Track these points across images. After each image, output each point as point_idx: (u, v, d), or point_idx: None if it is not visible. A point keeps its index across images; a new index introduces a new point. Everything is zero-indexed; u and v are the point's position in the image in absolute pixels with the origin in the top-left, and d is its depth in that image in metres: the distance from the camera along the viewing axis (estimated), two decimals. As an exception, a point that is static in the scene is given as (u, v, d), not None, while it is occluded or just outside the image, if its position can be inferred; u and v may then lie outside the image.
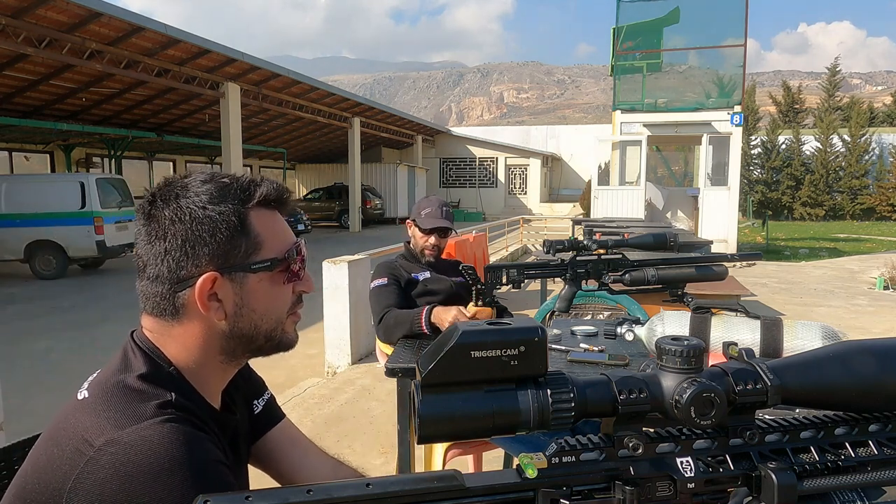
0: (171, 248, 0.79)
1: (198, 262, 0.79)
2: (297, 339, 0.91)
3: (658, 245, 2.18)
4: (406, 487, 0.45)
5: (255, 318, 0.83)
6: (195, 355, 0.82)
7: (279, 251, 0.83)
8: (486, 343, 0.46)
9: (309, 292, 0.90)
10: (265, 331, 0.84)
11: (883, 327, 6.95)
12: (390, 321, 2.43)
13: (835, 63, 34.38)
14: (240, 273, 0.81)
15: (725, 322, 1.47)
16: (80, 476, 0.67)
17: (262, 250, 0.82)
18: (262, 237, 0.82)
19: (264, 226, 0.83)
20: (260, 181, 0.85)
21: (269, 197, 0.84)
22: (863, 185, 29.39)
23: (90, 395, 0.76)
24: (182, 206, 0.79)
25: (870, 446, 0.53)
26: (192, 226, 0.78)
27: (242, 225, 0.81)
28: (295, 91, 17.00)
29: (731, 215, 12.43)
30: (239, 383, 0.98)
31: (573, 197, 28.58)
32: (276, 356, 0.93)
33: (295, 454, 1.05)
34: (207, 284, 0.79)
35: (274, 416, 1.06)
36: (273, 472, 1.05)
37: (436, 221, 2.66)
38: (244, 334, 0.83)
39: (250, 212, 0.82)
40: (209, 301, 0.80)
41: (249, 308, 0.82)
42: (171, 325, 0.81)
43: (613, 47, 13.17)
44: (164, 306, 0.81)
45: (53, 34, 10.36)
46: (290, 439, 1.06)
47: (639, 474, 0.50)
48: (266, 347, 0.87)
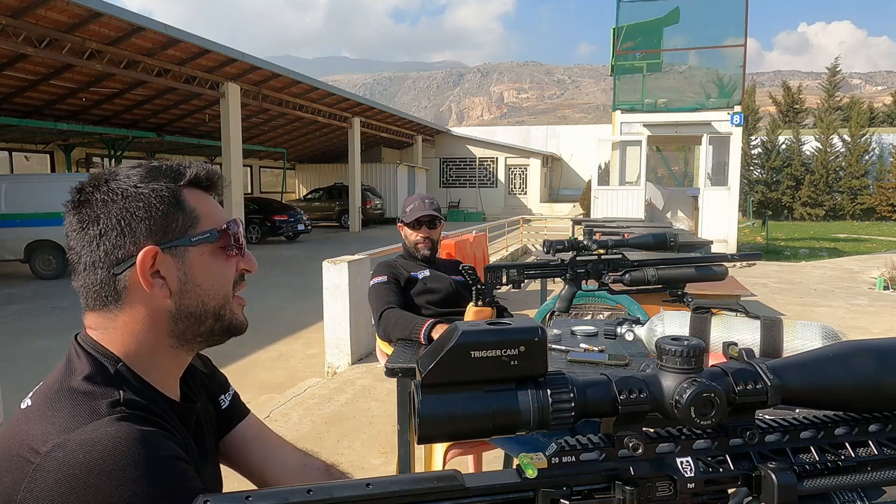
0: (106, 228, 0.77)
1: (135, 240, 0.77)
2: (248, 324, 0.89)
3: (658, 245, 2.18)
4: (406, 487, 0.45)
5: (202, 293, 0.81)
6: (144, 343, 0.80)
7: (218, 224, 0.83)
8: (486, 343, 0.46)
9: (252, 271, 0.88)
10: (213, 308, 0.83)
11: (883, 327, 6.95)
12: (391, 320, 2.43)
13: (835, 63, 34.38)
14: (181, 247, 0.80)
15: (725, 322, 1.47)
16: (30, 485, 0.65)
17: (200, 224, 0.81)
18: (198, 212, 0.82)
19: (199, 203, 0.83)
20: (190, 164, 0.85)
21: (199, 176, 0.84)
22: (863, 185, 29.39)
23: (34, 403, 0.74)
24: (113, 187, 0.78)
25: (870, 446, 0.53)
26: (125, 203, 0.78)
27: (177, 200, 0.80)
28: (295, 91, 17.00)
29: (731, 215, 12.43)
30: (202, 378, 0.97)
31: (573, 197, 28.59)
32: (279, 358, 0.92)
33: (262, 448, 1.04)
34: (148, 260, 0.77)
35: (240, 411, 1.05)
36: (242, 467, 1.04)
37: (420, 212, 2.68)
38: (191, 312, 0.81)
39: (183, 189, 0.82)
40: (152, 278, 0.78)
41: (194, 283, 0.81)
42: (116, 315, 0.79)
43: (613, 47, 13.17)
44: (105, 294, 0.79)
45: (53, 34, 10.37)
46: (257, 434, 1.05)
47: (639, 474, 0.50)
48: (217, 330, 0.84)
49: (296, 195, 26.99)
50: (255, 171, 25.41)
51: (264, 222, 17.36)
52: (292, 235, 18.04)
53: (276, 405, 4.29)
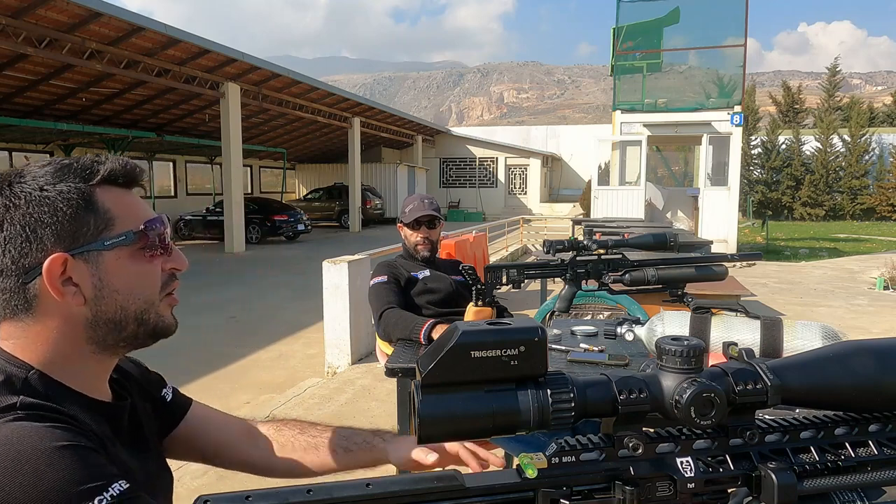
0: (11, 235, 0.74)
1: (42, 247, 0.74)
2: (177, 324, 0.85)
3: (658, 245, 2.18)
4: (406, 487, 0.45)
5: (120, 299, 0.78)
6: (61, 352, 0.77)
7: (135, 224, 0.79)
8: (486, 343, 0.46)
9: (181, 270, 0.85)
10: (134, 313, 0.79)
11: (883, 327, 6.95)
12: (391, 319, 2.43)
13: (835, 63, 34.39)
14: (94, 252, 0.76)
15: (725, 322, 1.47)
16: None
17: (116, 226, 0.77)
18: (112, 213, 0.78)
19: (115, 202, 0.79)
20: (105, 159, 0.81)
21: (114, 173, 0.79)
22: (863, 185, 29.39)
23: None
24: (16, 191, 0.75)
25: (870, 446, 0.53)
26: (29, 208, 0.74)
27: (88, 202, 0.76)
28: (295, 91, 17.00)
29: (731, 215, 12.43)
30: (137, 378, 0.96)
31: (573, 197, 28.59)
32: (279, 358, 0.92)
33: (214, 428, 1.04)
34: (56, 267, 0.74)
35: (184, 402, 1.05)
36: (197, 454, 1.03)
37: (419, 212, 2.68)
38: (110, 319, 0.78)
39: (96, 189, 0.78)
40: (63, 286, 0.75)
41: (111, 289, 0.77)
42: (28, 325, 0.76)
43: (613, 47, 13.17)
44: (15, 303, 0.75)
45: (53, 34, 10.37)
46: (205, 416, 1.05)
47: (639, 474, 0.50)
48: (140, 334, 0.81)
49: (296, 195, 27.00)
50: (255, 171, 25.40)
51: (264, 222, 17.36)
52: (292, 235, 18.05)
53: (276, 405, 4.29)
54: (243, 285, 10.02)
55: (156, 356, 1.02)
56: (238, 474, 1.04)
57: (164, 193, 20.26)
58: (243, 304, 8.29)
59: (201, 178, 22.38)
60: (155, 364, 1.04)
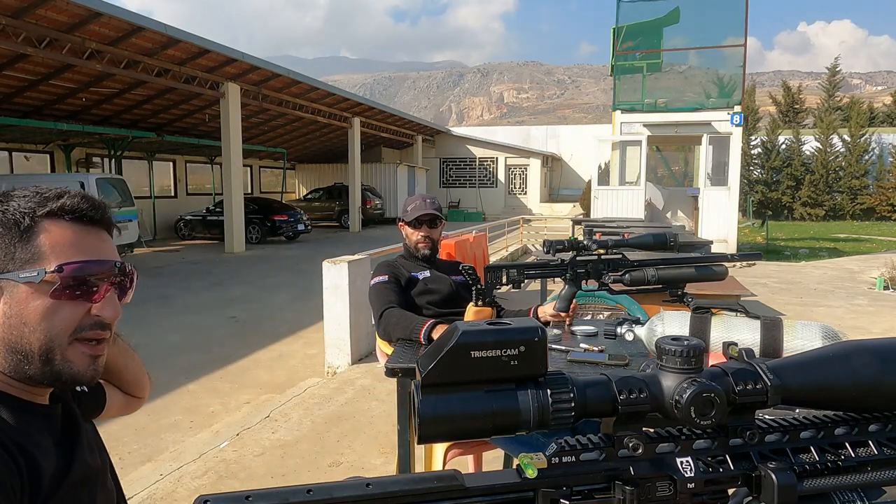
0: None
1: None
2: (91, 375, 0.83)
3: (658, 245, 2.18)
4: (406, 487, 0.45)
5: (27, 332, 0.78)
6: None
7: (54, 263, 0.78)
8: (486, 343, 0.46)
9: (106, 319, 0.82)
10: (38, 350, 0.79)
11: (883, 327, 6.95)
12: (391, 319, 2.43)
13: (835, 63, 34.39)
14: (11, 281, 0.78)
15: (725, 322, 1.47)
16: None
17: (38, 261, 0.78)
18: (45, 248, 0.78)
19: (57, 237, 0.79)
20: (72, 194, 0.81)
21: (65, 208, 0.80)
22: (863, 185, 29.38)
23: None
24: None
25: (870, 446, 0.53)
26: None
27: (25, 232, 0.78)
28: (295, 91, 17.00)
29: (731, 215, 12.43)
30: None
31: (573, 197, 28.58)
32: (279, 358, 0.92)
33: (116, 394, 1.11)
34: None
35: (97, 388, 1.08)
36: (120, 398, 1.11)
37: (421, 211, 2.68)
38: (16, 349, 0.79)
39: (42, 220, 0.79)
40: None
41: (19, 320, 0.78)
42: None
43: (613, 47, 13.17)
44: None
45: (53, 34, 10.37)
46: (110, 388, 1.10)
47: (639, 474, 0.50)
48: (46, 374, 0.80)
49: (296, 195, 26.99)
50: (255, 171, 25.39)
51: (264, 222, 17.37)
52: (292, 235, 18.05)
53: (276, 405, 4.29)
54: (243, 285, 10.02)
55: (156, 356, 1.02)
56: (238, 475, 1.05)
57: (164, 193, 20.25)
58: (243, 304, 8.29)
59: (201, 178, 22.37)
60: (155, 364, 1.04)
